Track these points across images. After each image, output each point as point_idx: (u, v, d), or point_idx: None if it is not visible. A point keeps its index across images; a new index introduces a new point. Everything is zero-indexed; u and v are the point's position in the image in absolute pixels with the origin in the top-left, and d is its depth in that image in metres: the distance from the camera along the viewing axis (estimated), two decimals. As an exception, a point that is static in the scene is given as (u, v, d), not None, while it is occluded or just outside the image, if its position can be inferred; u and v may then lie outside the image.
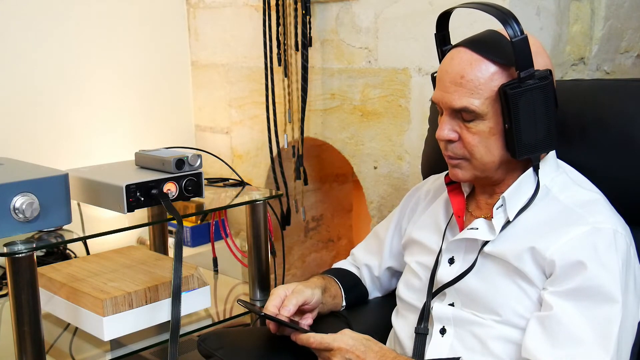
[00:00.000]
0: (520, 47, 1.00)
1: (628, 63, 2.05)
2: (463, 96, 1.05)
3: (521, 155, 1.05)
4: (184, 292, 1.38)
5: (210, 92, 2.47)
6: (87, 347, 1.43)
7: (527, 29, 1.66)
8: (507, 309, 1.06)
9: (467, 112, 1.06)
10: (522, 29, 1.00)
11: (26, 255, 1.19)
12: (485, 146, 1.07)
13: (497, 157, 1.07)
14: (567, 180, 1.11)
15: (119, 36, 2.29)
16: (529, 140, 1.03)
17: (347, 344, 1.09)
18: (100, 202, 1.43)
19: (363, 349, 1.08)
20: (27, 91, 2.09)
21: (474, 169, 1.10)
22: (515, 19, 1.01)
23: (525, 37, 1.00)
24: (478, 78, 1.04)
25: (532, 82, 1.01)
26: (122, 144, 2.28)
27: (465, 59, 1.06)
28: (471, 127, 1.07)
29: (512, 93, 1.01)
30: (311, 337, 1.11)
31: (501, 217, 1.09)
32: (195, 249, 2.30)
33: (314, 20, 2.02)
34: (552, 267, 1.01)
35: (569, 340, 0.97)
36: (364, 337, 1.11)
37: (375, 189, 1.99)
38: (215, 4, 2.37)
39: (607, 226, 1.02)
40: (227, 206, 1.61)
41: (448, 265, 1.15)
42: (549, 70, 1.04)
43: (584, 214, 1.04)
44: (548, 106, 1.03)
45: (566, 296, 0.99)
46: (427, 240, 1.23)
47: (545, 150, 1.07)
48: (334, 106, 2.05)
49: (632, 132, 1.15)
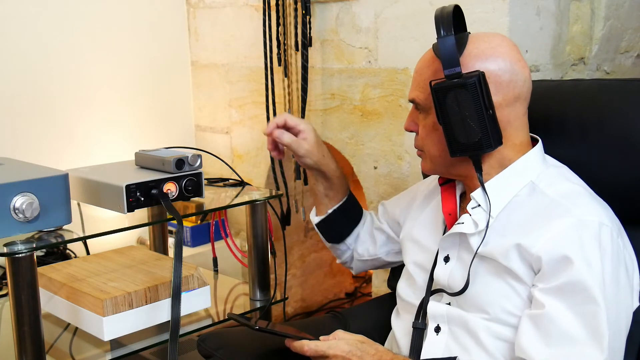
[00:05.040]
0: (443, 47, 1.03)
1: (628, 63, 2.05)
2: (414, 89, 1.14)
3: (454, 153, 1.07)
4: (184, 292, 1.38)
5: (210, 92, 2.47)
6: (87, 347, 1.43)
7: (527, 29, 1.66)
8: (495, 307, 1.06)
9: (417, 105, 1.14)
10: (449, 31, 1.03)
11: (26, 255, 1.19)
12: (431, 140, 1.13)
13: (444, 151, 1.09)
14: (553, 174, 1.11)
15: (119, 36, 2.29)
16: (461, 139, 1.05)
17: (342, 351, 1.08)
18: (100, 202, 1.43)
19: (359, 353, 1.08)
20: (27, 91, 2.09)
21: (430, 162, 1.16)
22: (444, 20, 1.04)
23: (448, 38, 1.03)
24: (425, 73, 1.11)
25: (457, 81, 1.03)
26: (122, 144, 2.28)
27: (425, 55, 1.14)
28: (422, 120, 1.14)
29: (435, 88, 1.05)
30: (305, 345, 1.11)
31: (482, 214, 1.08)
32: (195, 249, 2.30)
33: (314, 20, 2.02)
34: (539, 263, 1.01)
35: (563, 338, 0.97)
36: (358, 340, 1.11)
37: (375, 189, 1.99)
38: (215, 4, 2.38)
39: (592, 218, 1.02)
40: (227, 206, 1.61)
41: (444, 264, 1.15)
42: (481, 72, 1.03)
43: (569, 205, 1.04)
44: (478, 107, 1.03)
45: (556, 293, 0.99)
46: (423, 239, 1.24)
47: (480, 150, 1.05)
48: (334, 106, 2.05)
49: (632, 132, 1.15)
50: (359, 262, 1.47)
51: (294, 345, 1.13)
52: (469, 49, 1.07)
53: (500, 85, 1.06)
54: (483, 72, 1.04)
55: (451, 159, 1.09)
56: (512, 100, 1.08)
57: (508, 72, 1.07)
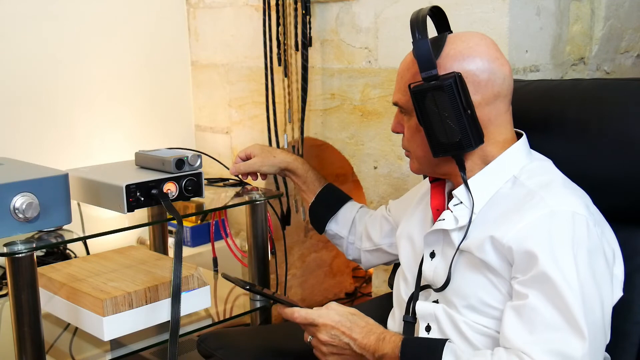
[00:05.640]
0: (418, 50, 1.05)
1: (628, 63, 2.05)
2: (396, 91, 1.16)
3: (436, 154, 1.08)
4: (184, 292, 1.38)
5: (210, 92, 2.47)
6: (87, 347, 1.43)
7: (527, 29, 1.66)
8: (474, 299, 1.06)
9: (400, 107, 1.15)
10: (424, 34, 1.04)
11: (26, 255, 1.19)
12: (415, 141, 1.14)
13: (428, 152, 1.10)
14: (535, 167, 1.11)
15: (119, 36, 2.29)
16: (442, 139, 1.06)
17: (332, 320, 1.10)
18: (100, 202, 1.43)
19: (349, 324, 1.09)
20: (27, 91, 2.09)
21: (417, 162, 1.17)
22: (419, 24, 1.05)
23: (422, 41, 1.04)
24: (405, 76, 1.13)
25: (434, 83, 1.04)
26: (122, 144, 2.28)
27: (405, 58, 1.15)
28: (406, 122, 1.16)
29: (413, 91, 1.06)
30: (295, 312, 1.13)
31: (464, 210, 1.09)
32: (195, 249, 2.30)
33: (314, 20, 2.02)
34: (511, 255, 1.02)
35: (546, 326, 0.97)
36: (349, 312, 1.12)
37: (375, 189, 1.99)
38: (215, 4, 2.38)
39: (565, 208, 1.01)
40: (227, 206, 1.61)
41: (430, 260, 1.16)
42: (457, 73, 1.04)
43: (544, 195, 1.04)
44: (456, 107, 1.03)
45: (533, 284, 0.99)
46: (414, 235, 1.25)
47: (462, 150, 1.06)
48: (334, 106, 2.05)
49: (632, 132, 1.15)
50: (366, 254, 1.48)
51: (285, 312, 1.15)
52: (447, 50, 1.08)
53: (478, 84, 1.07)
54: (459, 73, 1.04)
55: (435, 159, 1.11)
56: (492, 98, 1.08)
57: (486, 71, 1.07)
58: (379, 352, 1.07)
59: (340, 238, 1.51)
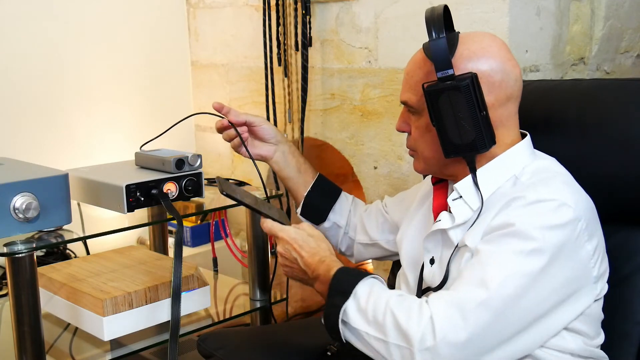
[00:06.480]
0: (435, 49, 1.03)
1: (628, 63, 2.05)
2: (406, 91, 1.14)
3: (448, 154, 1.07)
4: (184, 292, 1.38)
5: (210, 92, 2.47)
6: (87, 347, 1.43)
7: (527, 29, 1.66)
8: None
9: (409, 107, 1.13)
10: (440, 33, 1.03)
11: (26, 255, 1.19)
12: (425, 141, 1.13)
13: (437, 152, 1.10)
14: (537, 167, 1.10)
15: (119, 36, 2.29)
16: (455, 140, 1.05)
17: (289, 236, 1.15)
18: (100, 202, 1.43)
19: (301, 243, 1.13)
20: (27, 91, 2.09)
21: (423, 162, 1.16)
22: (435, 22, 1.04)
23: (440, 40, 1.03)
24: (416, 74, 1.11)
25: (450, 83, 1.03)
26: (122, 144, 2.28)
27: (415, 57, 1.13)
28: (415, 121, 1.14)
29: (428, 91, 1.05)
30: (264, 223, 1.19)
31: (463, 207, 1.09)
32: (195, 249, 2.30)
33: (314, 20, 2.02)
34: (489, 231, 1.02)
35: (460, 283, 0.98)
36: (308, 233, 1.15)
37: (375, 189, 1.99)
38: (215, 4, 2.38)
39: (553, 197, 1.00)
40: (227, 206, 1.61)
41: (430, 266, 1.16)
42: (474, 74, 1.03)
43: (539, 186, 1.03)
44: (472, 108, 1.03)
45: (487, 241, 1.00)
46: (416, 239, 1.24)
47: (475, 151, 1.06)
48: (334, 106, 2.05)
49: (632, 132, 1.15)
50: (359, 247, 1.47)
51: (261, 221, 1.20)
52: (460, 50, 1.07)
53: (492, 85, 1.06)
54: (476, 74, 1.04)
55: (445, 160, 1.10)
56: (505, 100, 1.08)
57: (499, 72, 1.07)
58: (316, 272, 1.09)
59: (338, 228, 1.48)
